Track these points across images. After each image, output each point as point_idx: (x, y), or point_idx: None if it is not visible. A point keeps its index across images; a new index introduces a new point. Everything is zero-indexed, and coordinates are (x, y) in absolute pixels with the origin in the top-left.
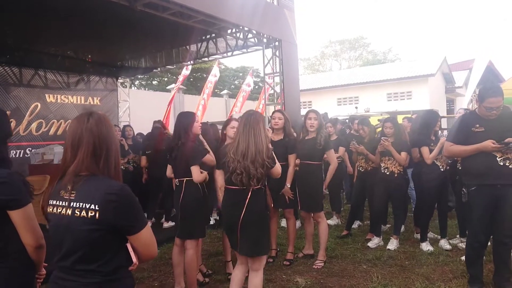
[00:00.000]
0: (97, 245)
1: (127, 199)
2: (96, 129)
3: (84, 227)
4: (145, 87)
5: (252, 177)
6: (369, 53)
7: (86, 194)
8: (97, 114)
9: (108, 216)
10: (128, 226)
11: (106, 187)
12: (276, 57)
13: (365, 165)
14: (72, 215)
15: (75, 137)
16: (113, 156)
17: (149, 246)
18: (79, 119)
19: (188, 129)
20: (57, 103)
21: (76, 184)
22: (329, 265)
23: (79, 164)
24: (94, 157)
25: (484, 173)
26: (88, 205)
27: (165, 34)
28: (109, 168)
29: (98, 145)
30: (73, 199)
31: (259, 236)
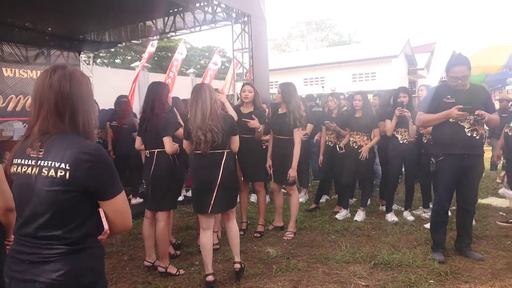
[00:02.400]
0: (65, 209)
1: (103, 160)
2: (57, 85)
3: (51, 188)
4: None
5: (200, 142)
6: (335, 35)
7: (56, 152)
8: (62, 70)
9: (80, 176)
10: (102, 189)
11: (80, 146)
12: (245, 33)
13: (334, 139)
14: (39, 174)
15: (37, 93)
16: (81, 114)
17: (123, 214)
18: (43, 74)
19: (163, 100)
20: (15, 78)
21: (45, 142)
22: (299, 236)
23: (44, 122)
24: (58, 115)
25: (452, 143)
26: (58, 164)
27: (130, 6)
28: (77, 127)
29: (61, 103)
30: (41, 157)
31: (234, 191)
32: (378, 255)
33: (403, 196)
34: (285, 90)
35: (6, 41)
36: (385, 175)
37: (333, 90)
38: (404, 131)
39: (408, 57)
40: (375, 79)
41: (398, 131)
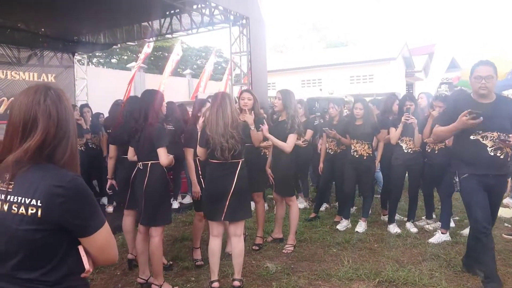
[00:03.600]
0: (39, 249)
1: (77, 193)
2: (55, 112)
3: (22, 227)
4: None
5: (225, 149)
6: (332, 35)
7: (28, 186)
8: (55, 91)
9: (53, 213)
10: (80, 226)
11: (53, 178)
12: (243, 35)
13: (334, 147)
14: (8, 211)
15: (28, 118)
16: (70, 143)
17: (106, 249)
18: (33, 95)
19: (156, 108)
20: (6, 80)
21: (16, 173)
22: (299, 249)
23: (25, 152)
24: (41, 147)
25: (473, 162)
26: (28, 200)
27: (126, 7)
28: (57, 158)
29: (54, 133)
30: (10, 192)
31: (246, 202)
32: (382, 272)
33: (404, 204)
34: (285, 97)
35: None
36: (387, 185)
37: (331, 93)
38: (409, 140)
39: (406, 59)
40: (372, 81)
41: (403, 139)
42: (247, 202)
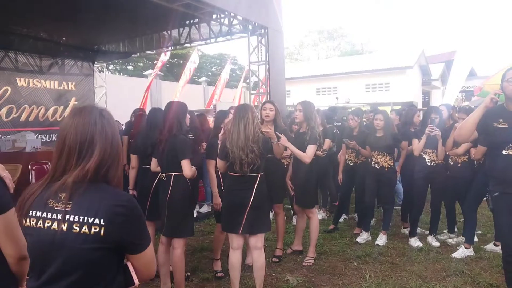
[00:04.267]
0: (96, 267)
1: (136, 213)
2: (110, 133)
3: (84, 246)
4: (119, 72)
5: (244, 163)
6: (347, 44)
7: (88, 205)
8: (106, 112)
9: (114, 232)
10: (134, 244)
11: (112, 198)
12: (262, 45)
13: (354, 158)
14: (68, 231)
15: (84, 139)
16: (120, 164)
17: (150, 265)
18: (89, 116)
19: (181, 120)
20: (29, 88)
21: (74, 194)
22: (319, 262)
23: (81, 173)
24: (99, 166)
25: (505, 180)
26: (91, 219)
27: (146, 18)
28: (111, 177)
29: (109, 153)
30: (69, 211)
31: (265, 215)
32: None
33: (424, 217)
34: (306, 108)
35: (21, 51)
36: (409, 197)
37: (348, 102)
38: (432, 152)
39: (422, 67)
40: (389, 90)
41: (426, 151)
42: (266, 215)
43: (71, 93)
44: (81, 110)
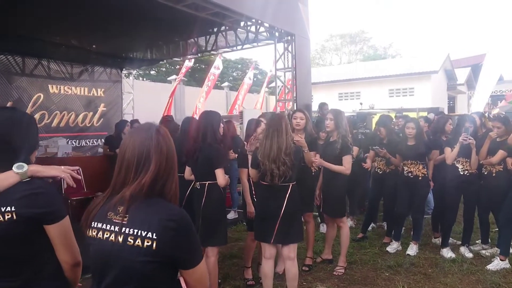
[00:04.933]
0: (150, 280)
1: (187, 227)
2: (165, 148)
3: (137, 258)
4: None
5: (275, 175)
6: (369, 48)
7: (142, 219)
8: (162, 128)
9: (166, 246)
10: (186, 258)
11: (165, 213)
12: (288, 52)
13: (383, 167)
14: (123, 243)
15: (141, 154)
16: (175, 178)
17: (202, 281)
18: (145, 133)
19: (215, 129)
20: (60, 94)
21: (130, 207)
22: (350, 271)
23: (138, 187)
24: (155, 180)
25: None
26: (145, 233)
27: (174, 26)
28: (166, 192)
29: (164, 168)
30: (125, 224)
31: (297, 225)
32: None
33: (456, 227)
34: (337, 117)
35: (53, 59)
36: (440, 206)
37: (372, 107)
38: (466, 161)
39: (448, 72)
40: (413, 95)
41: (459, 160)
42: (298, 225)
43: (100, 99)
44: (139, 127)
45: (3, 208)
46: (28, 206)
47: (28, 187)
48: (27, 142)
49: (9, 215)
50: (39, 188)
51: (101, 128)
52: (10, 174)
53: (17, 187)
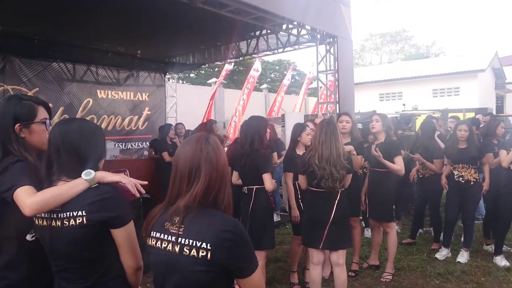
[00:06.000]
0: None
1: (242, 237)
2: (215, 159)
3: (194, 268)
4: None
5: (336, 179)
6: (411, 47)
7: (197, 229)
8: (213, 139)
9: (221, 256)
10: (241, 268)
11: (220, 223)
12: (330, 54)
13: (422, 171)
14: (180, 253)
15: (192, 165)
16: (227, 187)
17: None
18: (195, 144)
19: (262, 135)
20: (107, 99)
21: (186, 217)
22: (398, 278)
23: (191, 198)
24: (207, 191)
25: None
26: (199, 243)
27: (216, 31)
28: (219, 202)
29: (215, 178)
30: (181, 235)
31: (346, 231)
32: None
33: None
34: (384, 119)
35: (101, 65)
36: (493, 212)
37: (415, 108)
38: None
39: (496, 70)
40: (458, 95)
41: None
42: (347, 231)
43: (145, 103)
44: (190, 139)
45: (75, 213)
46: (97, 210)
47: (96, 193)
48: (95, 151)
49: (80, 220)
50: (107, 193)
51: (146, 131)
52: (80, 181)
53: (87, 193)
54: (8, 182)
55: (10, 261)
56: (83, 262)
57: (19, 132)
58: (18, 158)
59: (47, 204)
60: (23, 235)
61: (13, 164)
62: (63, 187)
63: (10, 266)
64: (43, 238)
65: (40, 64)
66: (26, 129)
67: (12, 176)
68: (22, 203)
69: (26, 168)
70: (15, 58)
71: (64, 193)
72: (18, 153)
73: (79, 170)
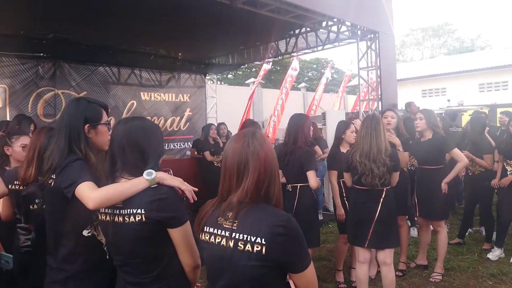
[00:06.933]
0: (260, 283)
1: (295, 232)
2: (262, 154)
3: (248, 263)
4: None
5: (376, 175)
6: (455, 40)
7: (250, 225)
8: (260, 134)
9: (275, 251)
10: (294, 263)
11: (273, 218)
12: (372, 50)
13: (472, 168)
14: (234, 248)
15: (240, 161)
16: (277, 181)
17: (311, 285)
18: (242, 140)
19: (306, 132)
20: (151, 101)
21: (239, 213)
22: (448, 278)
23: (243, 193)
24: (257, 185)
25: None
26: (254, 238)
27: (255, 30)
28: (271, 196)
29: (264, 172)
30: (235, 230)
31: (392, 230)
32: None
33: None
34: (428, 116)
35: (144, 68)
36: None
37: (461, 104)
38: None
39: None
40: (507, 89)
41: None
42: (394, 230)
43: (186, 104)
44: (237, 135)
45: (135, 210)
46: (155, 210)
47: (155, 193)
48: (156, 148)
49: (139, 217)
50: (165, 194)
51: (188, 132)
52: (142, 180)
53: (146, 192)
54: (68, 179)
55: (68, 254)
56: (144, 258)
57: (87, 132)
58: (78, 157)
59: (110, 200)
60: (80, 230)
61: (73, 162)
62: (125, 185)
63: (68, 259)
64: (106, 233)
65: (87, 68)
66: (93, 129)
67: (72, 173)
68: (86, 197)
69: (85, 166)
70: (65, 64)
71: (126, 190)
72: (83, 152)
73: (142, 167)
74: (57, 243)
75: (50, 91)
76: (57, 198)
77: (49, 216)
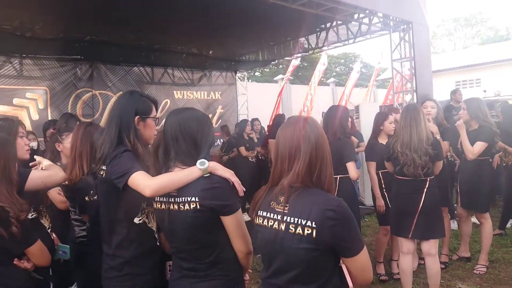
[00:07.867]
0: (312, 266)
1: (346, 216)
2: (313, 137)
3: (300, 245)
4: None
5: (418, 165)
6: (488, 29)
7: (302, 208)
8: (311, 119)
9: (325, 235)
10: (346, 247)
11: (323, 202)
12: (405, 41)
13: (505, 159)
14: (286, 231)
15: (292, 145)
16: (328, 166)
17: (365, 270)
18: (294, 125)
19: (344, 124)
20: (183, 99)
21: (290, 197)
22: (492, 270)
23: (294, 177)
24: (309, 169)
25: None
26: (304, 222)
27: (285, 25)
28: (323, 180)
29: (315, 156)
30: (286, 213)
31: (437, 220)
32: None
33: None
34: (471, 106)
35: (177, 67)
36: None
37: (498, 94)
38: None
39: None
40: None
41: None
42: (438, 220)
43: (218, 102)
44: (288, 121)
45: (189, 198)
46: (209, 198)
47: (209, 181)
48: (208, 138)
49: (193, 205)
50: (218, 183)
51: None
52: (195, 170)
53: (199, 181)
54: (119, 170)
55: (122, 241)
56: (198, 244)
57: (137, 124)
58: (126, 148)
59: (165, 188)
60: (132, 218)
61: (121, 153)
62: (179, 174)
63: (122, 245)
64: (162, 221)
65: (122, 69)
66: (143, 122)
67: (123, 164)
68: (142, 185)
69: (133, 156)
70: (101, 65)
71: (181, 179)
72: (132, 143)
73: (195, 156)
74: (111, 231)
75: (88, 92)
76: (109, 189)
77: (103, 206)
